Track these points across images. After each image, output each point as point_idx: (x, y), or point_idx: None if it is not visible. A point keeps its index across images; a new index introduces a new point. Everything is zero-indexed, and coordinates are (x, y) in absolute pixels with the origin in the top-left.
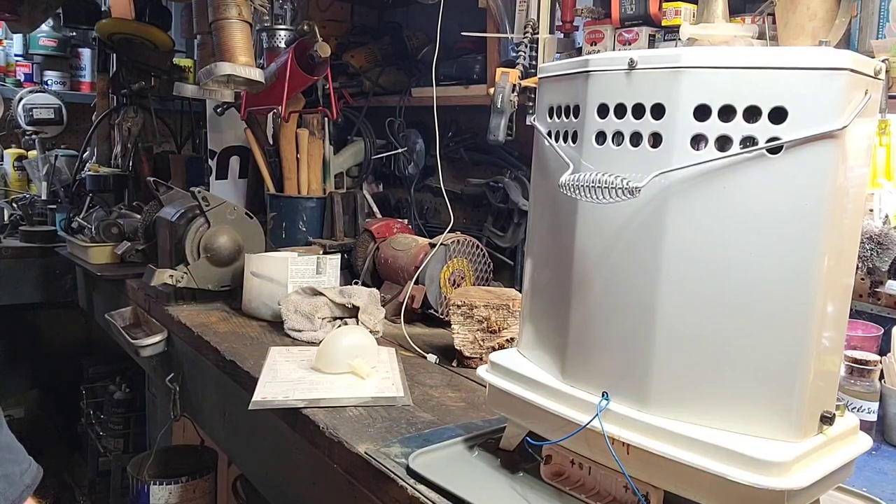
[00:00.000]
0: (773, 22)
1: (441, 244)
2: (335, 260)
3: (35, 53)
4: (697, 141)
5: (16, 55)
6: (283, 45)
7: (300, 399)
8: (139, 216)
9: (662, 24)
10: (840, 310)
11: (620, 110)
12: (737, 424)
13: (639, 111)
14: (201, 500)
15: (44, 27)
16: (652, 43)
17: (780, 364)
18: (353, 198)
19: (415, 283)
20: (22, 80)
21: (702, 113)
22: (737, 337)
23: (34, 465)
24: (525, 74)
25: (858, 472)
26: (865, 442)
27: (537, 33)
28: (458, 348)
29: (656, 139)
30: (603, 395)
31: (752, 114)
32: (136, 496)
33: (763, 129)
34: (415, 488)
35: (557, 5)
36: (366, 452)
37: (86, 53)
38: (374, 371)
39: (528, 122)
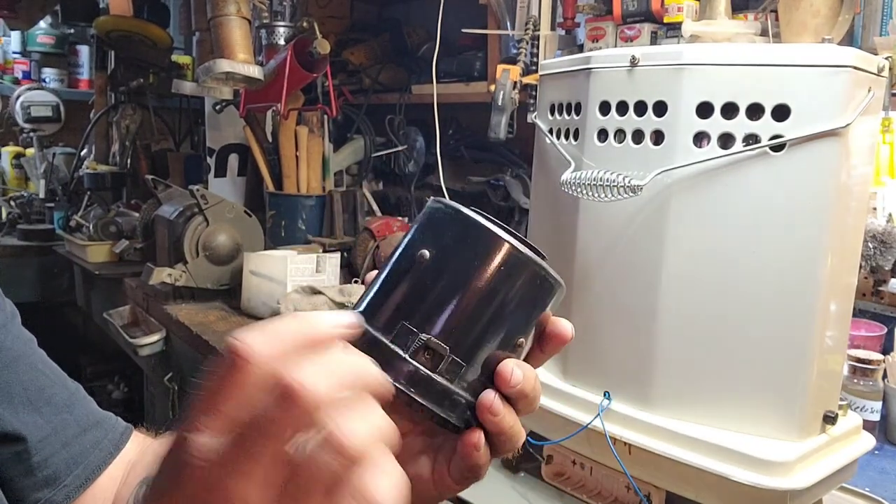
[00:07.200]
0: (776, 19)
1: None
2: (335, 258)
3: (33, 51)
4: (700, 138)
5: (13, 52)
6: (282, 41)
7: None
8: (137, 214)
9: (664, 20)
10: (843, 309)
11: (622, 107)
12: (739, 424)
13: (641, 108)
14: None
15: (42, 24)
16: (654, 40)
17: (782, 363)
18: (353, 196)
19: None
20: (20, 77)
21: (704, 110)
22: (739, 336)
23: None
24: (526, 71)
25: (861, 472)
26: (868, 441)
27: (538, 30)
28: None
29: (658, 137)
30: (605, 395)
31: (754, 111)
32: None
33: (766, 127)
34: None
35: (559, 2)
36: None
37: (84, 50)
38: None
39: (529, 120)
